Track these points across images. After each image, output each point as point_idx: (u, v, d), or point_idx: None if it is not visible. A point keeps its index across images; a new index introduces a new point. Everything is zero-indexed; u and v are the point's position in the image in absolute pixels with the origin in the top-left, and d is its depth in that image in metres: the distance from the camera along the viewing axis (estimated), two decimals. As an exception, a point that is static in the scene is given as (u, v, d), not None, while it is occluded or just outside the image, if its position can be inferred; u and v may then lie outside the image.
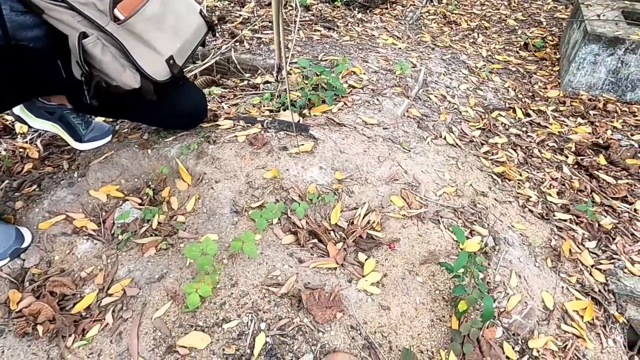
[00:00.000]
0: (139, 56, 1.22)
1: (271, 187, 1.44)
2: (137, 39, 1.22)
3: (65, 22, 1.13)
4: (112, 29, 1.17)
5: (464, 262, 1.11)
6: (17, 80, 1.18)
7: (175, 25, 1.34)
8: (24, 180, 1.52)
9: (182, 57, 1.36)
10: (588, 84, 2.62)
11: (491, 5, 3.87)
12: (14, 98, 1.27)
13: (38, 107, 1.53)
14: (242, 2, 3.18)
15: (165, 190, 1.47)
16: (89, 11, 1.15)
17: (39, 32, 1.15)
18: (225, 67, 2.43)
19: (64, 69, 1.23)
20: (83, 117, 1.59)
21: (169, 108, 1.48)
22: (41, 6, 1.11)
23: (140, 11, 1.24)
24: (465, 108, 2.25)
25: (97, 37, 1.15)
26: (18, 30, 1.12)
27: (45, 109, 1.54)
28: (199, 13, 1.44)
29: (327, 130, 1.68)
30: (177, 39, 1.34)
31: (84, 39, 1.13)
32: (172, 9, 1.34)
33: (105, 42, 1.17)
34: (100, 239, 1.32)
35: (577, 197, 1.79)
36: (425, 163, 1.67)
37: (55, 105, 1.53)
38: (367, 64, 2.32)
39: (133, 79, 1.22)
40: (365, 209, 1.41)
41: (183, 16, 1.38)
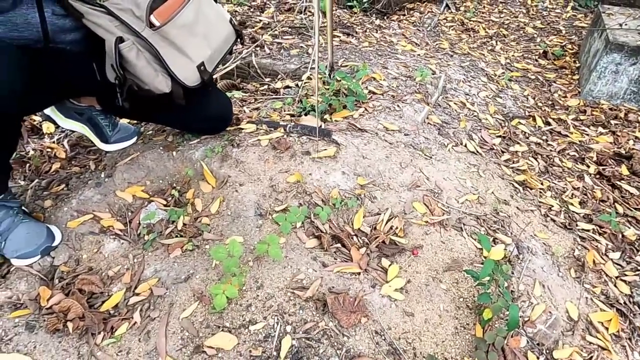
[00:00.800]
0: (171, 62, 1.24)
1: (294, 191, 1.45)
2: (170, 44, 1.25)
3: (103, 27, 1.16)
4: (147, 35, 1.20)
5: (490, 270, 1.10)
6: (54, 81, 1.21)
7: (206, 32, 1.37)
8: (52, 179, 1.56)
9: (212, 64, 1.39)
10: (609, 93, 2.60)
11: (509, 13, 3.86)
12: (50, 98, 1.31)
13: (68, 107, 1.56)
14: (261, 7, 3.21)
15: (190, 192, 1.50)
16: (127, 17, 1.19)
17: (77, 35, 1.19)
18: (246, 72, 2.46)
19: (99, 72, 1.26)
20: (110, 119, 1.62)
21: (196, 112, 1.50)
22: (81, 10, 1.14)
23: (175, 18, 1.27)
24: (485, 115, 2.24)
25: (133, 42, 1.18)
26: (57, 34, 1.15)
27: (75, 109, 1.57)
28: (228, 21, 1.47)
29: (349, 135, 1.69)
30: (208, 46, 1.37)
31: (120, 44, 1.16)
32: (204, 16, 1.37)
33: (140, 47, 1.20)
34: (126, 239, 1.35)
35: (599, 207, 1.77)
36: (447, 170, 1.67)
37: (85, 107, 1.56)
38: (387, 70, 2.33)
39: (165, 83, 1.24)
40: (387, 215, 1.41)
41: (214, 24, 1.40)
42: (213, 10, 1.43)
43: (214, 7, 1.45)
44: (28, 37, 1.13)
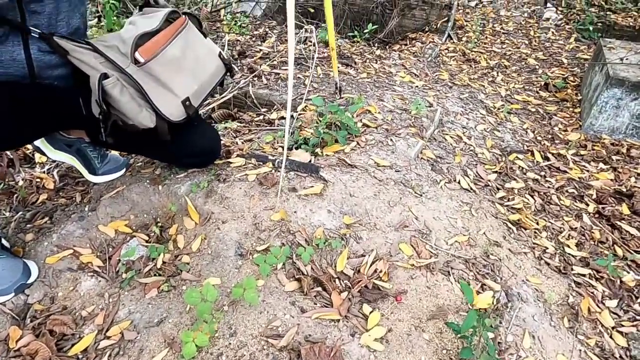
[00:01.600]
0: (155, 97, 1.24)
1: (278, 230, 1.42)
2: (155, 80, 1.25)
3: (87, 64, 1.17)
4: (131, 71, 1.20)
5: (473, 322, 1.05)
6: (41, 115, 1.22)
7: (194, 67, 1.37)
8: (37, 211, 1.55)
9: (199, 98, 1.38)
10: (611, 127, 2.56)
11: (511, 43, 3.87)
12: (37, 132, 1.31)
13: (57, 139, 1.57)
14: (263, 36, 3.25)
15: (173, 227, 1.47)
16: (112, 54, 1.19)
17: (63, 71, 1.20)
18: (243, 101, 2.47)
19: (85, 106, 1.27)
20: (99, 151, 1.62)
21: (183, 147, 1.49)
22: (67, 48, 1.15)
23: (161, 54, 1.27)
24: (481, 150, 2.21)
25: (117, 78, 1.18)
26: (44, 70, 1.17)
27: (64, 141, 1.58)
28: (218, 55, 1.47)
29: (338, 171, 1.67)
30: (195, 81, 1.36)
31: (104, 80, 1.16)
32: (192, 51, 1.38)
33: (125, 83, 1.20)
34: (104, 276, 1.32)
35: (597, 249, 1.71)
36: (438, 209, 1.63)
37: (74, 139, 1.56)
38: (383, 103, 2.32)
39: (149, 119, 1.24)
40: (372, 257, 1.37)
41: (202, 59, 1.41)
42: (201, 45, 1.44)
43: (203, 42, 1.46)
44: (14, 73, 1.14)
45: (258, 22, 3.60)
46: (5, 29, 1.09)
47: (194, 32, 1.44)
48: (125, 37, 1.24)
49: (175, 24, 1.37)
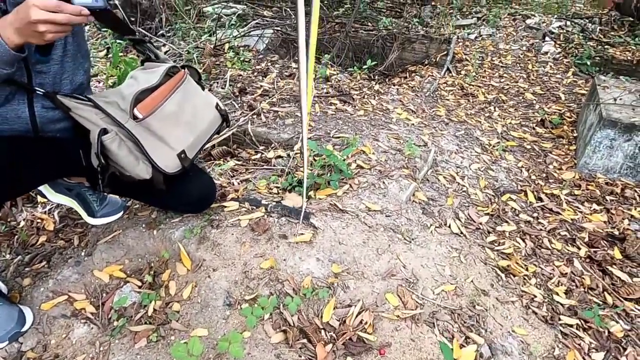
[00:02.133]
0: (152, 150, 1.30)
1: (267, 279, 1.46)
2: (152, 134, 1.32)
3: (88, 119, 1.24)
4: (130, 126, 1.27)
5: (451, 383, 1.07)
6: (43, 165, 1.29)
7: (190, 120, 1.44)
8: (36, 254, 1.60)
9: (194, 150, 1.44)
10: (605, 167, 2.58)
11: (509, 77, 3.93)
12: (40, 180, 1.39)
13: (58, 183, 1.63)
14: (265, 71, 3.35)
15: (166, 273, 1.51)
16: (112, 110, 1.26)
17: (65, 124, 1.29)
18: (242, 139, 2.53)
19: (84, 157, 1.33)
20: (99, 194, 1.68)
21: (178, 196, 1.55)
22: (69, 105, 1.23)
23: (159, 110, 1.34)
24: (474, 190, 2.24)
25: (116, 133, 1.25)
26: (47, 124, 1.25)
27: (65, 185, 1.64)
28: (215, 107, 1.54)
29: (329, 217, 1.71)
30: (191, 133, 1.43)
31: (103, 135, 1.23)
32: (189, 104, 1.44)
33: (123, 137, 1.27)
34: (96, 323, 1.36)
35: (587, 296, 1.72)
36: (426, 256, 1.66)
37: (74, 183, 1.63)
38: (378, 143, 2.37)
39: (145, 170, 1.30)
40: (358, 307, 1.40)
41: (199, 111, 1.47)
42: (199, 98, 1.51)
43: (201, 95, 1.53)
44: (18, 129, 1.22)
45: (261, 56, 3.71)
46: (12, 88, 1.16)
47: (192, 85, 1.51)
48: (125, 93, 1.31)
49: (174, 78, 1.44)
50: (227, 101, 2.78)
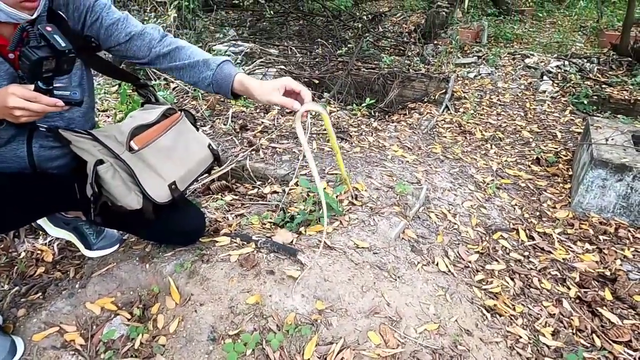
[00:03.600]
0: (144, 180, 1.39)
1: (252, 314, 1.49)
2: (145, 165, 1.41)
3: (87, 151, 1.34)
4: (125, 157, 1.37)
5: None
6: (42, 199, 1.37)
7: (183, 156, 1.53)
8: (33, 285, 1.66)
9: (185, 183, 1.53)
10: (599, 206, 2.60)
11: (507, 115, 4.01)
12: (36, 215, 1.48)
13: (57, 218, 1.72)
14: (267, 108, 3.47)
15: (155, 306, 1.56)
16: (109, 142, 1.37)
17: (62, 162, 1.39)
18: (240, 174, 2.62)
19: (78, 190, 1.42)
20: (95, 228, 1.76)
21: (168, 227, 1.62)
22: (70, 138, 1.34)
23: (153, 143, 1.45)
24: (465, 228, 2.27)
25: (111, 164, 1.35)
26: (44, 162, 1.35)
27: (63, 219, 1.73)
28: (207, 146, 1.63)
29: (317, 254, 1.75)
30: (182, 167, 1.52)
31: (98, 165, 1.32)
32: (183, 141, 1.55)
33: (118, 168, 1.36)
34: (84, 355, 1.40)
35: (574, 338, 1.72)
36: (411, 294, 1.68)
37: (71, 218, 1.71)
38: (371, 180, 2.44)
39: (136, 201, 1.38)
40: (340, 345, 1.42)
41: (191, 149, 1.57)
42: (192, 137, 1.61)
43: (194, 134, 1.63)
44: (17, 167, 1.31)
45: (264, 93, 3.85)
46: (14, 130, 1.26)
47: (187, 125, 1.62)
48: (123, 128, 1.42)
49: (170, 118, 1.55)
50: (228, 137, 2.89)
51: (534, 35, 7.21)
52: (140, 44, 1.35)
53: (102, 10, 1.32)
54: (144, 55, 1.36)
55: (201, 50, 1.42)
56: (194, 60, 1.36)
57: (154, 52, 1.36)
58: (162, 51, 1.37)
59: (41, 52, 1.03)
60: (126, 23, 1.35)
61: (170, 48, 1.37)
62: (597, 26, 7.10)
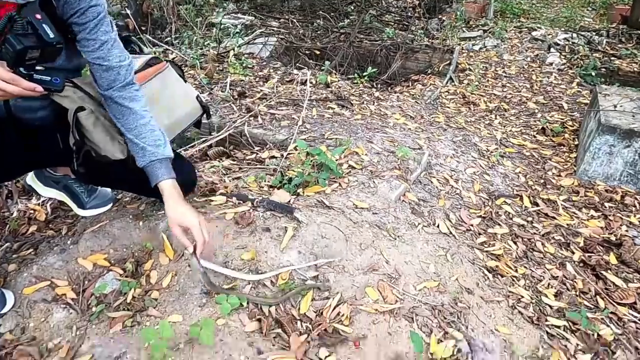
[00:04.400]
0: None
1: (247, 269, 1.46)
2: None
3: (67, 97, 1.28)
4: None
5: (421, 373, 1.05)
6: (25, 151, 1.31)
7: (168, 105, 1.48)
8: (24, 242, 1.62)
9: (171, 133, 1.47)
10: (605, 174, 2.54)
11: (512, 87, 3.92)
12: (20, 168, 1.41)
13: (46, 176, 1.68)
14: (266, 77, 3.40)
15: (149, 263, 1.52)
16: (90, 89, 1.31)
17: (43, 113, 1.31)
18: (238, 140, 2.56)
19: (62, 141, 1.36)
20: (86, 187, 1.71)
21: None
22: None
23: None
24: (468, 194, 2.22)
25: (92, 111, 1.29)
26: (24, 113, 1.27)
27: (52, 178, 1.68)
28: (195, 98, 1.57)
29: (314, 212, 1.70)
30: (167, 117, 1.47)
31: (79, 112, 1.26)
32: (168, 91, 1.48)
33: (100, 114, 1.30)
34: (76, 309, 1.37)
35: (577, 299, 1.68)
36: (411, 253, 1.64)
37: (60, 176, 1.67)
38: (372, 145, 2.38)
39: (119, 150, 1.33)
40: (337, 300, 1.39)
41: (177, 99, 1.51)
42: (179, 87, 1.54)
43: (181, 84, 1.56)
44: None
45: (264, 63, 3.77)
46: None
47: (173, 75, 1.55)
48: None
49: (155, 66, 1.49)
50: (226, 104, 2.82)
51: (542, 11, 7.04)
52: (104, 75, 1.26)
53: (92, 21, 1.19)
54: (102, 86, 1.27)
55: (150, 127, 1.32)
56: (134, 140, 1.31)
57: (110, 92, 1.28)
58: (116, 99, 1.28)
59: (27, 42, 0.97)
60: (105, 49, 1.23)
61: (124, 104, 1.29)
62: (607, 0, 6.91)
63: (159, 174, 1.32)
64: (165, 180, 1.32)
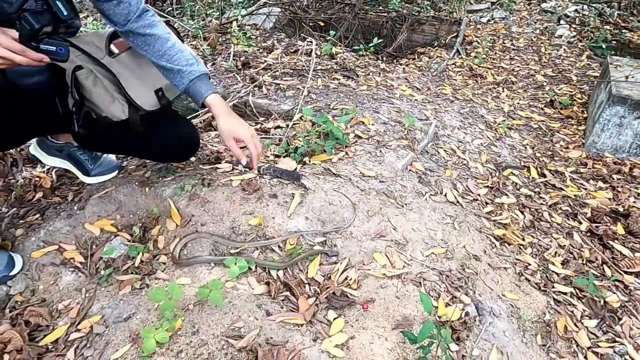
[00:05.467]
0: (129, 86, 1.30)
1: (254, 234, 1.45)
2: (129, 70, 1.32)
3: None
4: (106, 62, 1.27)
5: (429, 332, 1.05)
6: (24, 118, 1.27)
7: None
8: (30, 208, 1.62)
9: (172, 93, 1.42)
10: (614, 146, 2.51)
11: (520, 60, 3.84)
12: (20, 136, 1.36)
13: (49, 145, 1.65)
14: (270, 48, 3.33)
15: (156, 228, 1.52)
16: (87, 47, 1.27)
17: (39, 77, 1.25)
18: (242, 110, 2.52)
19: (61, 106, 1.32)
20: (90, 154, 1.69)
21: (159, 141, 1.51)
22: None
23: None
24: (475, 164, 2.20)
25: (91, 70, 1.25)
26: (20, 78, 1.21)
27: (55, 147, 1.65)
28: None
29: (321, 180, 1.69)
30: None
31: (77, 71, 1.23)
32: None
33: (99, 74, 1.27)
34: (84, 272, 1.37)
35: (584, 268, 1.68)
36: (418, 220, 1.63)
37: (62, 143, 1.64)
38: (378, 115, 2.34)
39: (120, 110, 1.30)
40: (344, 265, 1.39)
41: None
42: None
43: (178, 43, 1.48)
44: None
45: (267, 34, 3.69)
46: None
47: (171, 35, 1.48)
48: (101, 32, 1.33)
49: None
50: (229, 74, 2.78)
51: (552, -17, 6.83)
52: (117, 10, 1.22)
53: None
54: (120, 23, 1.24)
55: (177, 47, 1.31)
56: (168, 66, 1.29)
57: (129, 26, 1.24)
58: (137, 30, 1.25)
59: (43, 20, 1.00)
60: None
61: (146, 32, 1.26)
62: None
63: (202, 91, 1.30)
64: (210, 95, 1.30)
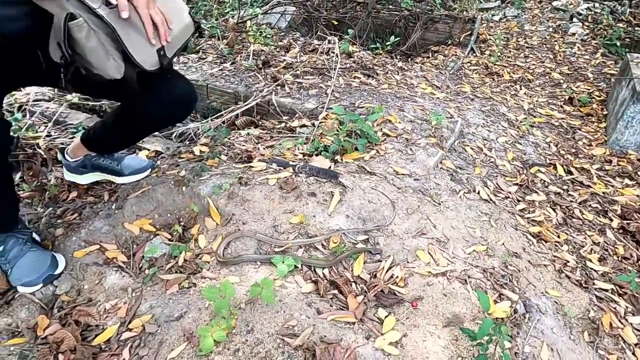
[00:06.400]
0: (130, 42, 1.12)
1: (296, 233, 1.45)
2: (129, 25, 1.13)
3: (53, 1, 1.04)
4: (103, 12, 1.07)
5: (489, 329, 1.05)
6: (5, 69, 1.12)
7: None
8: (67, 208, 1.61)
9: (172, 51, 1.28)
10: (637, 143, 2.50)
11: (535, 58, 3.84)
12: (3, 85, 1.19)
13: (73, 167, 1.64)
14: (287, 47, 3.33)
15: (195, 227, 1.52)
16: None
17: (23, 23, 1.09)
18: (265, 109, 2.52)
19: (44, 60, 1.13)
20: (111, 156, 1.67)
21: (155, 97, 1.36)
22: None
23: None
24: (502, 162, 2.20)
25: (85, 20, 1.06)
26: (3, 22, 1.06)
27: (79, 165, 1.63)
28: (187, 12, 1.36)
29: (357, 178, 1.69)
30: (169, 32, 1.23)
31: (70, 21, 1.03)
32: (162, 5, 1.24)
33: (94, 25, 1.07)
34: (128, 272, 1.37)
35: (620, 265, 1.68)
36: (456, 218, 1.63)
37: (81, 158, 1.63)
38: (403, 113, 2.34)
39: (116, 69, 1.12)
40: (389, 263, 1.38)
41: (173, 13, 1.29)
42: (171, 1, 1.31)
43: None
44: None
45: (282, 33, 3.69)
46: None
47: None
48: None
49: None
50: (250, 73, 2.77)
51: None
52: None
53: None
54: None
55: None
56: None
57: None
58: None
59: None
60: None
61: None
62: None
63: None
64: None
